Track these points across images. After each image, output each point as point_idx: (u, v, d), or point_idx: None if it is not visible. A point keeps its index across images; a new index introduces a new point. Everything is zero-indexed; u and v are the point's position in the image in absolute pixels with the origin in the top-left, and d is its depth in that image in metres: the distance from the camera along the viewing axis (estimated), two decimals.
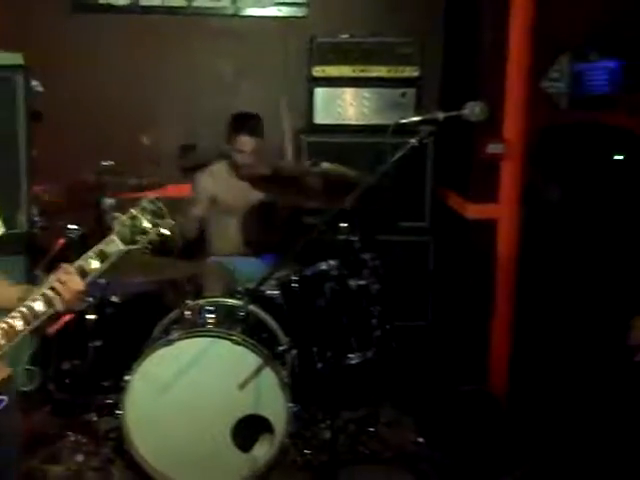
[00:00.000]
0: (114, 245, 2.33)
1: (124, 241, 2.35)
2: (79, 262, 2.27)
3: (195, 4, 4.81)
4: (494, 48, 4.16)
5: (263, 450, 3.35)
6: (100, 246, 2.31)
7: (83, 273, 2.26)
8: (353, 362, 3.60)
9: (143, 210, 2.39)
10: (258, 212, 4.43)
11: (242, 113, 4.34)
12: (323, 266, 3.65)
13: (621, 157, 3.83)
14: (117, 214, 2.39)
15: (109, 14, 4.74)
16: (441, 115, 2.95)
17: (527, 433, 3.68)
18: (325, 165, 3.76)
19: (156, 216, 2.41)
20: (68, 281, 2.22)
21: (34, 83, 4.03)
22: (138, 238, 2.38)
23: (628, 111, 3.92)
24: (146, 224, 2.39)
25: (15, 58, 3.90)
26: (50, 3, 4.66)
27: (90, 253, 2.29)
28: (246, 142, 4.22)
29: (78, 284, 2.24)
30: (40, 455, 3.53)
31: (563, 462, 2.61)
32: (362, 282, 3.70)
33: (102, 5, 4.75)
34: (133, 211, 2.39)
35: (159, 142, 4.53)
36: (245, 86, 4.83)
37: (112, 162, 3.99)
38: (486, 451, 3.60)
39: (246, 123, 4.26)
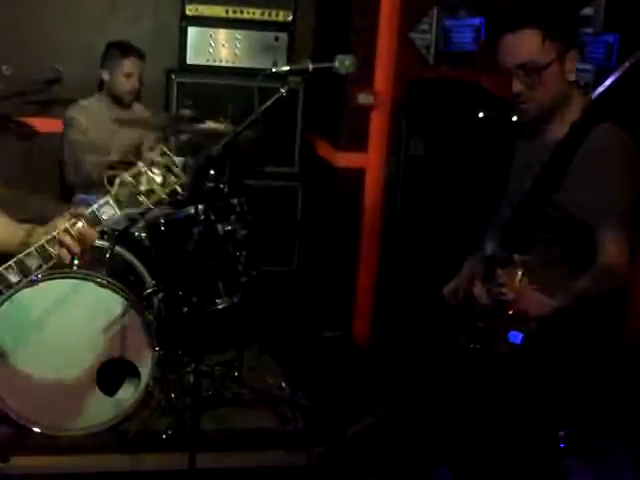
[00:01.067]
0: (109, 210, 2.04)
1: (120, 204, 2.03)
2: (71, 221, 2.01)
3: None
4: None
5: (128, 394, 3.36)
6: (93, 207, 2.03)
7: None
8: (219, 307, 3.63)
9: (152, 165, 2.06)
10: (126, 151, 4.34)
11: (121, 41, 4.24)
12: (191, 210, 3.62)
13: (482, 115, 3.97)
14: (112, 172, 2.06)
15: None
16: (310, 66, 2.97)
17: (388, 378, 3.85)
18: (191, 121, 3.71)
19: (167, 171, 2.06)
20: (79, 233, 1.99)
21: None
22: (141, 200, 2.05)
23: (488, 69, 4.05)
24: (152, 183, 2.05)
25: None
26: None
27: (82, 214, 2.02)
28: (136, 64, 4.18)
29: (92, 235, 2.02)
30: None
31: (421, 405, 2.75)
32: (229, 227, 3.71)
33: None
34: (141, 167, 2.05)
35: (22, 73, 4.33)
36: (115, 22, 4.66)
37: None
38: (347, 395, 3.75)
39: (128, 47, 4.20)
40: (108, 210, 2.03)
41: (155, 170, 2.05)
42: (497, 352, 2.38)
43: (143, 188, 2.05)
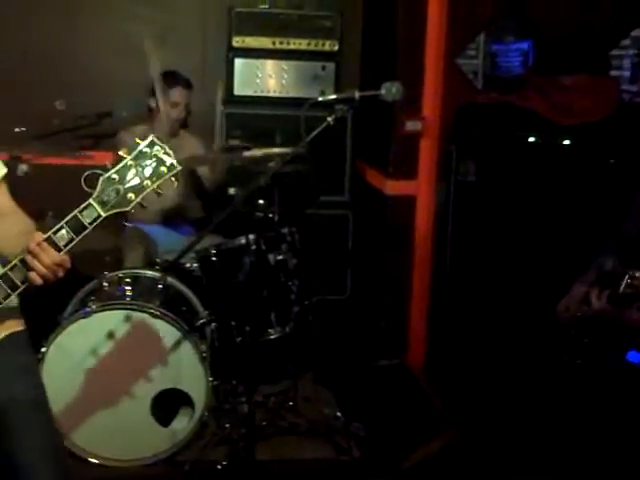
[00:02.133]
0: (92, 211, 1.90)
1: (107, 205, 1.88)
2: (49, 232, 1.91)
3: None
4: (412, 25, 4.19)
5: (182, 424, 3.35)
6: (74, 213, 1.90)
7: (54, 245, 1.90)
8: (272, 337, 3.61)
9: (140, 156, 1.88)
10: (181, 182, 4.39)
11: (170, 70, 4.31)
12: (242, 240, 3.63)
13: (532, 139, 3.93)
14: (94, 171, 1.91)
15: None
16: (357, 94, 2.98)
17: (444, 406, 3.79)
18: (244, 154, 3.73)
19: (158, 162, 1.88)
20: (40, 253, 1.89)
21: None
22: (131, 197, 1.89)
23: (537, 93, 4.02)
24: (141, 177, 1.87)
25: None
26: None
27: (63, 222, 1.91)
28: (181, 94, 4.25)
29: (52, 256, 1.90)
30: None
31: (479, 434, 2.70)
32: (281, 257, 3.70)
33: None
34: (127, 160, 1.87)
35: (75, 109, 4.40)
36: (164, 54, 4.71)
37: (24, 128, 3.89)
38: (404, 424, 3.69)
39: (175, 76, 4.28)
40: (91, 213, 1.89)
41: (143, 162, 1.88)
42: (607, 366, 2.34)
43: (130, 184, 1.88)
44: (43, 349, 3.21)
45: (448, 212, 4.18)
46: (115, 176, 1.88)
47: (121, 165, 1.88)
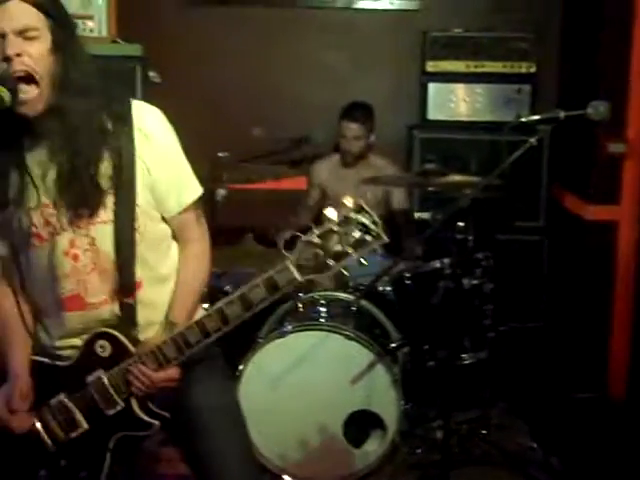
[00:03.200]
0: (287, 275, 1.86)
1: (304, 270, 1.84)
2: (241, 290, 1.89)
3: None
4: (617, 44, 4.03)
5: (374, 446, 3.34)
6: (270, 273, 1.86)
7: (222, 316, 1.93)
8: (466, 362, 3.55)
9: (346, 223, 1.80)
10: (371, 208, 4.41)
11: (352, 102, 4.39)
12: (437, 264, 3.60)
13: None
14: (292, 233, 1.87)
15: (224, 7, 4.78)
16: (562, 114, 2.89)
17: None
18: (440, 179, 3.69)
19: (363, 230, 1.80)
20: (141, 376, 2.01)
21: (152, 74, 4.10)
22: (329, 263, 1.82)
23: None
24: (344, 243, 1.79)
25: (135, 49, 3.97)
26: None
27: (256, 281, 1.87)
28: (347, 128, 4.29)
29: (157, 379, 2.02)
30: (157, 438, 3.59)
31: None
32: (475, 281, 3.64)
33: None
34: (331, 226, 1.80)
35: (272, 134, 4.54)
36: (357, 80, 4.81)
37: (227, 153, 4.04)
38: (603, 459, 3.50)
39: (350, 109, 4.33)
40: (286, 275, 1.84)
41: (348, 229, 1.79)
42: None
43: (332, 249, 1.81)
44: (241, 367, 3.31)
45: None
46: (317, 240, 1.82)
47: (324, 230, 1.81)
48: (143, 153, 2.02)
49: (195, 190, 2.13)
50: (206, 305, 3.63)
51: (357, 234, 1.79)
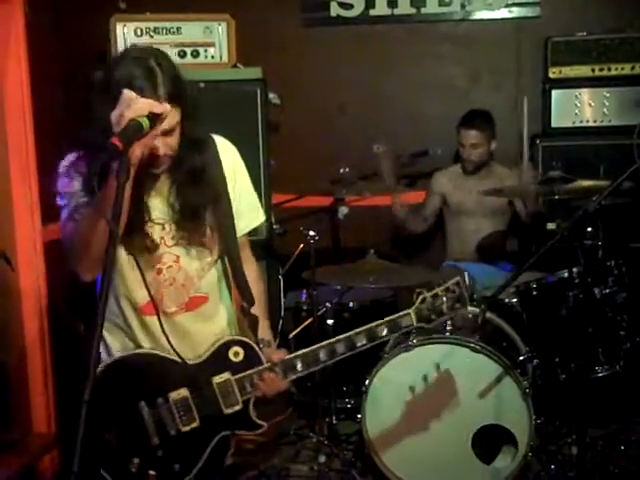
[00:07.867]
0: (408, 319, 2.42)
1: (419, 318, 2.42)
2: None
3: (424, 11, 4.78)
4: None
5: (505, 463, 3.25)
6: (394, 316, 2.42)
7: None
8: (600, 375, 3.41)
9: (447, 291, 2.44)
10: (494, 217, 4.35)
11: (470, 109, 4.38)
12: (564, 273, 3.49)
13: None
14: (420, 290, 2.44)
15: (340, 26, 4.83)
16: None
17: None
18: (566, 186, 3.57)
19: (457, 301, 2.45)
20: (269, 381, 2.31)
21: (271, 95, 4.17)
22: (433, 317, 2.44)
23: None
24: (445, 307, 2.44)
25: (255, 72, 4.05)
26: (285, 19, 4.82)
27: (381, 321, 2.41)
28: (465, 135, 4.27)
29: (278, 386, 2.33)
30: (283, 454, 3.63)
31: None
32: (607, 290, 3.50)
33: (333, 18, 4.84)
34: (438, 290, 2.44)
35: (391, 149, 4.53)
36: (477, 91, 4.75)
37: (347, 169, 4.07)
38: None
39: (468, 117, 4.32)
40: (406, 321, 2.42)
41: (448, 294, 2.44)
42: None
43: (435, 306, 2.44)
44: (367, 381, 3.30)
45: None
46: (430, 299, 2.44)
47: (433, 292, 2.44)
48: (229, 185, 2.36)
49: (261, 217, 2.51)
50: (331, 321, 3.70)
51: (452, 300, 2.45)
